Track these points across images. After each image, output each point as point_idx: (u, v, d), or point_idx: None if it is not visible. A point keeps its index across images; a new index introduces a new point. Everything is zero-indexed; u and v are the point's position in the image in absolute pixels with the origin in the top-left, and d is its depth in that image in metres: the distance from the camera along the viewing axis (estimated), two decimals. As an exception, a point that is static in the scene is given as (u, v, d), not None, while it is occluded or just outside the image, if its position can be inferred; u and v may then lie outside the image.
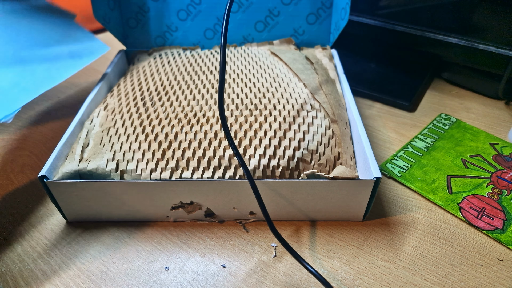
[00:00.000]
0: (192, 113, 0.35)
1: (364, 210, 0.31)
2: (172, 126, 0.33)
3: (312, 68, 0.42)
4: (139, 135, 0.32)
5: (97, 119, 0.35)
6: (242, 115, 0.34)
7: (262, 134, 0.32)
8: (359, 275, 0.28)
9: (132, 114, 0.35)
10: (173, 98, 0.37)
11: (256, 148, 0.31)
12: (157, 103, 0.36)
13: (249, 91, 0.38)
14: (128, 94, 0.38)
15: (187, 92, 0.38)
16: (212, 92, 0.38)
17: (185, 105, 0.36)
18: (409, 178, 0.36)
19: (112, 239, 0.31)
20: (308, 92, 0.37)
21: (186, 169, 0.30)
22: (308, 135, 0.32)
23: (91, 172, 0.30)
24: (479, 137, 0.41)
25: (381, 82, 0.50)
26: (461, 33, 0.46)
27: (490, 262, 0.29)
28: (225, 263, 0.29)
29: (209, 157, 0.30)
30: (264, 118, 0.34)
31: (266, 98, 0.36)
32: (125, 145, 0.32)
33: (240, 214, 0.31)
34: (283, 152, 0.31)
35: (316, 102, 0.36)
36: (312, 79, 0.39)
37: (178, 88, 0.38)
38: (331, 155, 0.32)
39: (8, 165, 0.38)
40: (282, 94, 0.37)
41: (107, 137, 0.33)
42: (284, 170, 0.30)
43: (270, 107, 0.35)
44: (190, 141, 0.32)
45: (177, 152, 0.31)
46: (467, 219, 0.32)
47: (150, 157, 0.30)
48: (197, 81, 0.39)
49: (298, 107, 0.35)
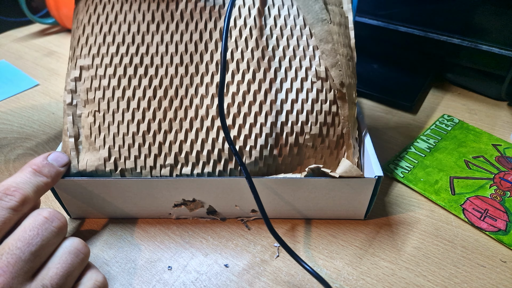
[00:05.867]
0: (182, 89, 0.31)
1: (366, 209, 0.31)
2: (164, 111, 0.30)
3: (327, 15, 0.32)
4: (130, 125, 0.30)
5: (78, 96, 0.31)
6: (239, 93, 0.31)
7: (262, 120, 0.30)
8: (361, 275, 0.28)
9: (114, 90, 0.31)
10: (157, 60, 0.31)
11: (252, 132, 0.30)
12: (139, 69, 0.31)
13: (250, 47, 0.31)
14: (100, 51, 0.32)
15: (172, 51, 0.31)
16: (202, 51, 0.32)
17: (173, 74, 0.31)
18: (412, 179, 0.36)
19: (115, 238, 0.31)
20: (319, 55, 0.32)
21: (186, 165, 0.30)
22: (312, 116, 0.30)
23: (92, 173, 0.30)
24: (482, 138, 0.41)
25: (384, 82, 0.50)
26: (464, 34, 0.46)
27: (493, 263, 0.29)
28: (228, 263, 0.29)
29: (208, 150, 0.30)
30: (264, 95, 0.30)
31: (265, 60, 0.31)
32: (117, 139, 0.30)
33: (242, 211, 0.31)
34: (285, 139, 0.30)
35: (322, 69, 0.31)
36: (325, 32, 0.32)
37: (155, 46, 0.32)
38: (334, 136, 0.31)
39: (10, 164, 0.38)
40: (285, 55, 0.32)
41: (96, 127, 0.30)
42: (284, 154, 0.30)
43: (271, 76, 0.31)
44: (186, 131, 0.30)
45: (174, 146, 0.30)
46: (470, 220, 0.32)
47: (147, 152, 0.30)
48: (174, 35, 0.32)
49: (302, 76, 0.31)
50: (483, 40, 0.45)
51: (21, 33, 0.69)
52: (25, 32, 0.69)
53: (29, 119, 0.45)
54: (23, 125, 0.44)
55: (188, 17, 0.32)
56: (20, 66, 0.57)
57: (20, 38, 0.67)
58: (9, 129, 0.44)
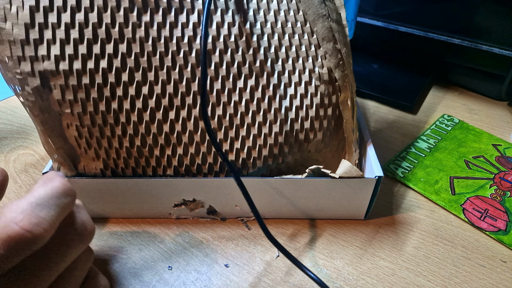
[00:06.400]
0: (178, 99, 0.27)
1: (366, 209, 0.31)
2: (159, 124, 0.27)
3: (326, 10, 0.29)
4: (122, 139, 0.27)
5: (48, 107, 0.26)
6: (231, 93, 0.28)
7: (266, 131, 0.29)
8: (362, 275, 0.28)
9: (97, 104, 0.26)
10: (143, 63, 0.26)
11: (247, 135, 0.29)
12: (122, 75, 0.26)
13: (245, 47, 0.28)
14: (65, 51, 0.25)
15: (161, 51, 0.27)
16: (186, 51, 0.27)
17: (164, 80, 0.27)
18: (412, 179, 0.36)
19: (115, 238, 0.31)
20: (321, 56, 0.30)
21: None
22: (315, 120, 0.29)
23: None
24: (482, 138, 0.41)
25: (384, 82, 0.50)
26: (464, 34, 0.46)
27: (493, 263, 0.29)
28: (228, 263, 0.29)
29: (210, 163, 0.29)
30: (262, 93, 0.28)
31: (268, 64, 0.29)
32: (111, 152, 0.28)
33: (242, 212, 0.31)
34: (290, 148, 0.30)
35: (325, 70, 0.30)
36: (326, 30, 0.29)
37: (138, 43, 0.26)
38: (336, 139, 0.30)
39: (11, 164, 0.38)
40: (288, 57, 0.29)
41: (83, 141, 0.27)
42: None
43: (275, 82, 0.29)
44: (185, 145, 0.28)
45: (174, 160, 0.28)
46: (470, 220, 0.32)
47: (144, 164, 0.29)
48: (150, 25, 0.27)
49: (306, 79, 0.29)
50: (483, 40, 0.45)
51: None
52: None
53: (29, 119, 0.45)
54: (23, 125, 0.44)
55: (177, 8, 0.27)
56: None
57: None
58: (9, 129, 0.44)
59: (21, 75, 0.25)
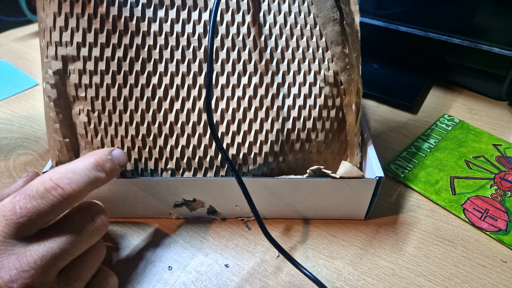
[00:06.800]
0: (184, 90, 0.29)
1: (366, 209, 0.31)
2: (165, 113, 0.29)
3: (338, 14, 0.30)
4: (128, 127, 0.28)
5: (64, 92, 0.28)
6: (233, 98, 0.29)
7: (268, 127, 0.29)
8: (362, 275, 0.28)
9: (109, 89, 0.28)
10: (155, 54, 0.28)
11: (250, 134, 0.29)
12: (135, 64, 0.28)
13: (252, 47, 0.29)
14: (86, 39, 0.28)
15: (172, 45, 0.28)
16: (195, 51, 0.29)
17: (173, 72, 0.29)
18: (412, 179, 0.36)
19: (115, 238, 0.31)
20: (329, 59, 0.30)
21: (188, 171, 0.30)
22: (319, 122, 0.30)
23: None
24: (482, 138, 0.41)
25: (384, 82, 0.50)
26: (464, 34, 0.46)
27: (493, 263, 0.29)
28: (228, 263, 0.29)
29: (211, 156, 0.29)
30: (271, 101, 0.29)
31: (274, 63, 0.29)
32: (116, 141, 0.29)
33: (242, 211, 0.31)
34: (291, 146, 0.30)
35: (331, 74, 0.30)
36: (335, 33, 0.30)
37: (152, 36, 0.28)
38: (338, 141, 0.30)
39: (10, 164, 0.38)
40: (294, 57, 0.30)
41: (91, 128, 0.28)
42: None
43: (279, 81, 0.29)
44: (188, 136, 0.29)
45: (176, 151, 0.29)
46: (471, 220, 0.32)
47: (147, 156, 0.29)
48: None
49: (310, 80, 0.30)
50: (483, 40, 0.45)
51: (21, 32, 0.69)
52: (25, 32, 0.69)
53: (29, 119, 0.45)
54: (23, 125, 0.44)
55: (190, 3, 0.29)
56: (20, 66, 0.57)
57: (20, 38, 0.66)
58: (9, 129, 0.44)
59: (47, 58, 0.28)
